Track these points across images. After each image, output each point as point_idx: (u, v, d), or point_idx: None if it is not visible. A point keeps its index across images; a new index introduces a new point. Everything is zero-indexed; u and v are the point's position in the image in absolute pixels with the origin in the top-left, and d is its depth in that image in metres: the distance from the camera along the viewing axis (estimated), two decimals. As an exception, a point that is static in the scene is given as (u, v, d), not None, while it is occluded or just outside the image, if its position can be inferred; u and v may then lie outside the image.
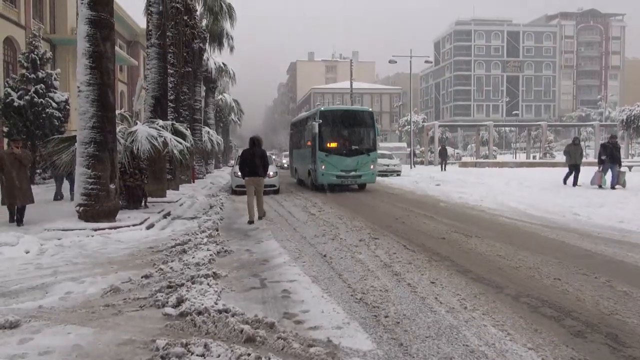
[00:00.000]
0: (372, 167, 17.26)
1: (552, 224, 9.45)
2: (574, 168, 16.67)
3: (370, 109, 18.91)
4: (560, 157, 45.73)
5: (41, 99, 18.26)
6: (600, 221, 9.58)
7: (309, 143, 17.89)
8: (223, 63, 33.52)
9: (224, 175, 29.74)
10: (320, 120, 16.69)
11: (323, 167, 16.64)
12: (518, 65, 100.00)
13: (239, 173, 16.85)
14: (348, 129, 17.34)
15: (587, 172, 17.02)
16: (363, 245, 7.47)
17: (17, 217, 9.25)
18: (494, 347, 3.64)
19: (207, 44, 26.11)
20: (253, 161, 10.54)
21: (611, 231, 8.58)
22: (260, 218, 10.56)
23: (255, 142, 10.81)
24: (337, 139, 17.09)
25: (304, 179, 19.49)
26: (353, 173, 16.82)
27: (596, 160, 16.92)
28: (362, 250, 7.14)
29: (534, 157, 48.43)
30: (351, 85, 46.39)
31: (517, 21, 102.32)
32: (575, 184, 16.53)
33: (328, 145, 16.86)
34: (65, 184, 13.51)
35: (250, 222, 10.07)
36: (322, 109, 17.75)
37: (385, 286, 5.22)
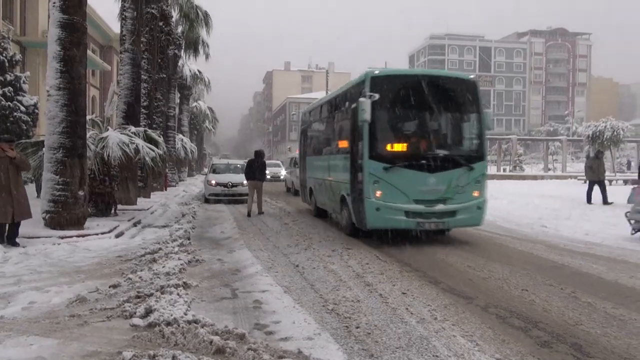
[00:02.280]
0: (477, 193, 8.74)
1: (521, 236, 9.66)
2: (598, 184, 15.26)
3: (473, 77, 9.60)
4: (529, 170, 46.97)
5: (9, 102, 17.76)
6: (567, 233, 9.84)
7: (345, 144, 9.68)
8: (198, 70, 33.35)
9: (198, 183, 29.39)
10: (376, 96, 8.25)
11: (378, 193, 8.31)
12: (490, 79, 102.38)
13: (213, 181, 17.03)
14: (428, 116, 8.91)
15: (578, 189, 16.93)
16: (336, 256, 7.48)
17: (7, 234, 7.62)
18: (463, 357, 3.68)
19: (182, 50, 25.97)
20: (255, 168, 13.45)
21: (577, 243, 8.82)
22: (260, 213, 13.19)
23: (258, 154, 13.93)
24: (408, 136, 8.88)
25: (332, 212, 11.17)
26: (441, 207, 8.41)
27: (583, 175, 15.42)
28: (335, 260, 7.15)
29: (504, 170, 49.47)
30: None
31: (489, 37, 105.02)
32: (605, 201, 14.79)
33: (388, 147, 8.61)
34: None
35: (249, 214, 12.96)
36: (377, 73, 8.80)
37: (357, 297, 5.23)
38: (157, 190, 18.92)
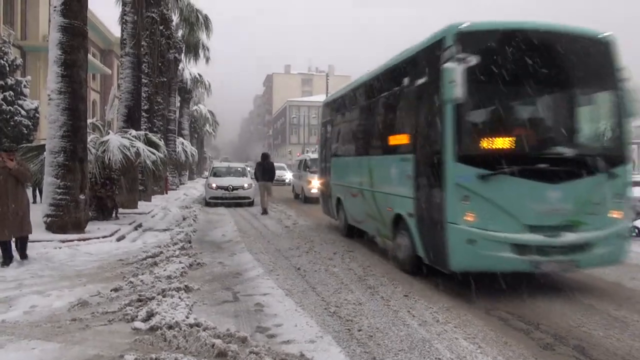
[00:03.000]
0: (617, 213, 5.61)
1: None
2: None
3: (607, 34, 5.88)
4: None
5: (10, 107, 17.80)
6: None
7: (404, 139, 6.86)
8: (198, 74, 33.36)
9: (198, 186, 29.37)
10: (472, 60, 5.08)
11: (471, 215, 5.23)
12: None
13: (214, 185, 17.05)
14: (546, 95, 6.04)
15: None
16: (337, 258, 7.47)
17: (18, 247, 7.00)
18: (466, 360, 3.68)
19: (182, 54, 25.97)
20: (264, 170, 14.82)
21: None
22: (264, 213, 13.99)
23: (265, 157, 15.31)
24: (516, 125, 5.81)
25: (377, 235, 8.40)
26: (570, 236, 5.29)
27: None
28: (337, 263, 7.14)
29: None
30: (327, 98, 46.51)
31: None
32: None
33: (486, 143, 5.55)
34: None
35: (263, 212, 14.16)
36: (465, 26, 5.39)
37: (359, 299, 5.22)
38: (157, 193, 18.93)
